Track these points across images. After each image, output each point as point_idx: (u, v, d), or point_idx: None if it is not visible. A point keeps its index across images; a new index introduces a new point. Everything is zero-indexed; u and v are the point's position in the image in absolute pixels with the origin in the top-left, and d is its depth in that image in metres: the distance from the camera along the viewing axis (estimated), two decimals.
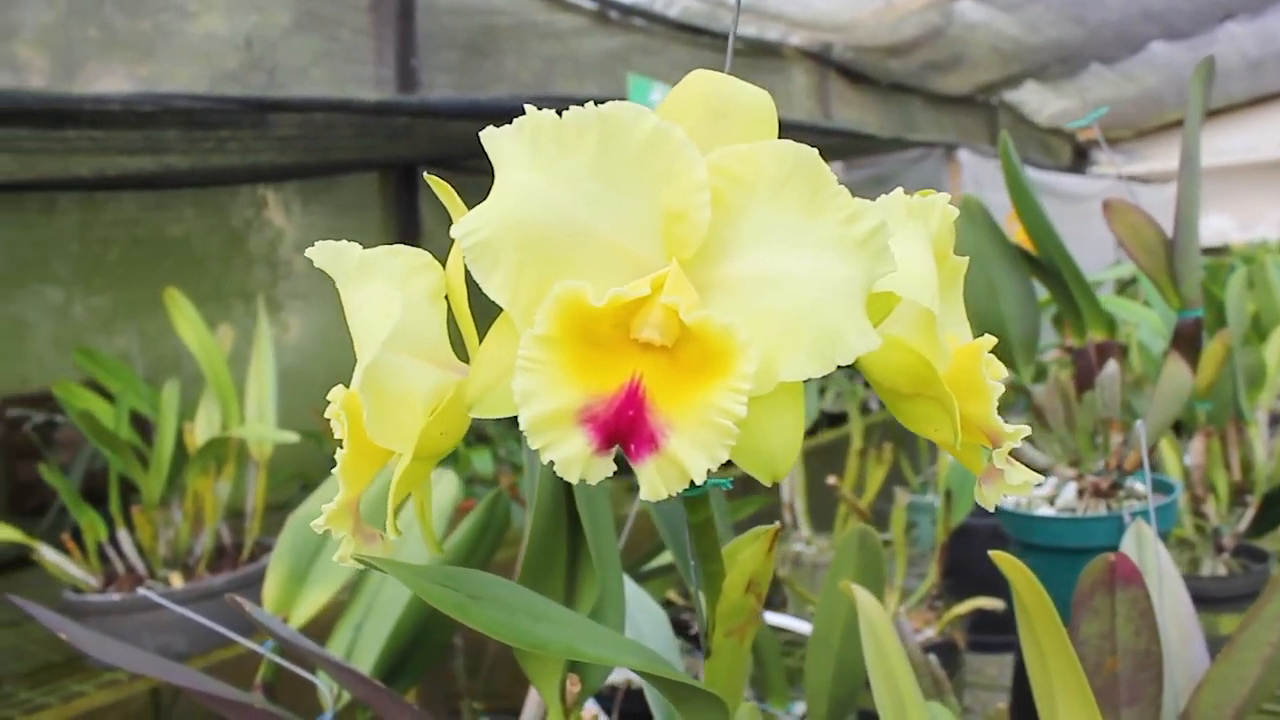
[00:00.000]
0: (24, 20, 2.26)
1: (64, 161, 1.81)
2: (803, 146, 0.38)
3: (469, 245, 0.38)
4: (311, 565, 1.02)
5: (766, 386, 0.37)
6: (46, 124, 1.56)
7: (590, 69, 3.41)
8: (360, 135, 2.43)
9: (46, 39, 2.34)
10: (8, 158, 1.79)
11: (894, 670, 0.68)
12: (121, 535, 1.71)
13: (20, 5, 2.25)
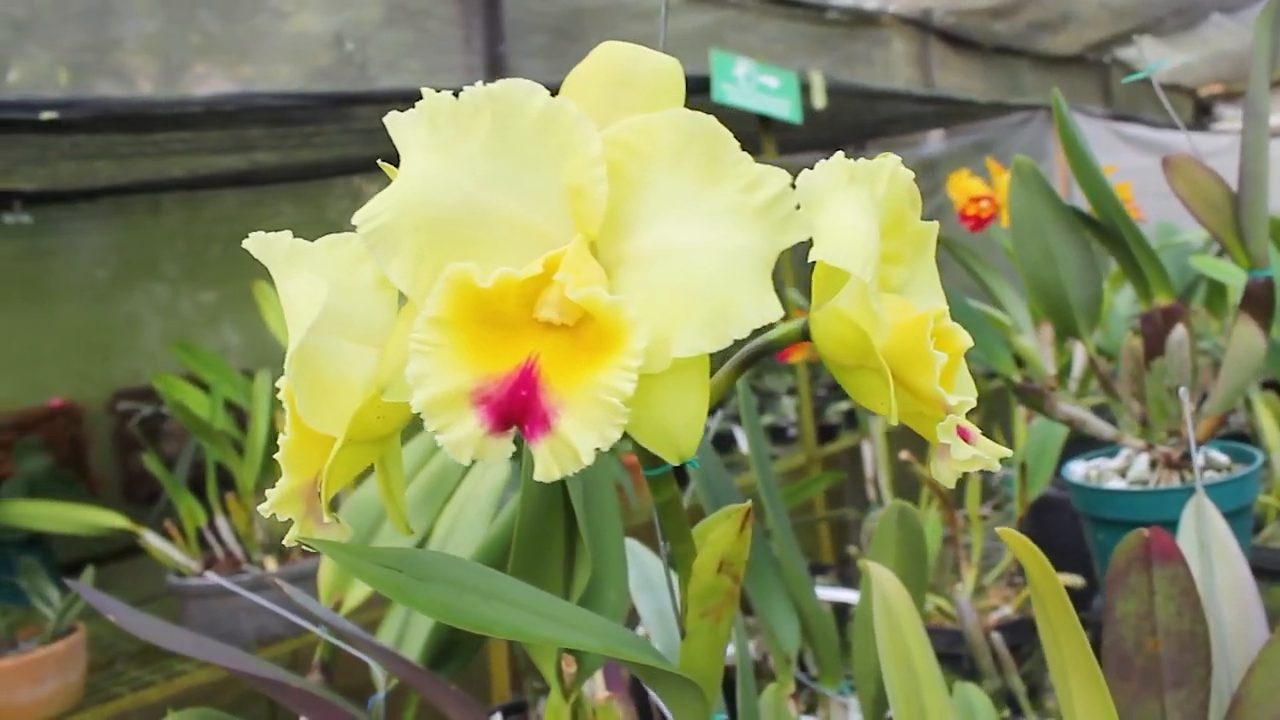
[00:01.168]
0: (126, 31, 2.36)
1: (159, 163, 1.88)
2: (700, 114, 0.37)
3: (367, 231, 0.38)
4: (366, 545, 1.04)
5: (661, 364, 0.36)
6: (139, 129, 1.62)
7: (682, 47, 3.38)
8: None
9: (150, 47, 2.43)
10: (108, 163, 1.87)
11: (910, 651, 0.67)
12: (220, 521, 1.78)
13: (123, 17, 2.34)
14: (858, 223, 0.41)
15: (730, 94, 2.41)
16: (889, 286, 0.47)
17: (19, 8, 2.22)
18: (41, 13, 2.22)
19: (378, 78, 2.85)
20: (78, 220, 2.10)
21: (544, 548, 0.62)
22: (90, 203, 2.10)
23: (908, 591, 0.90)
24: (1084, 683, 0.58)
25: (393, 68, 2.88)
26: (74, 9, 2.27)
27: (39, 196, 2.00)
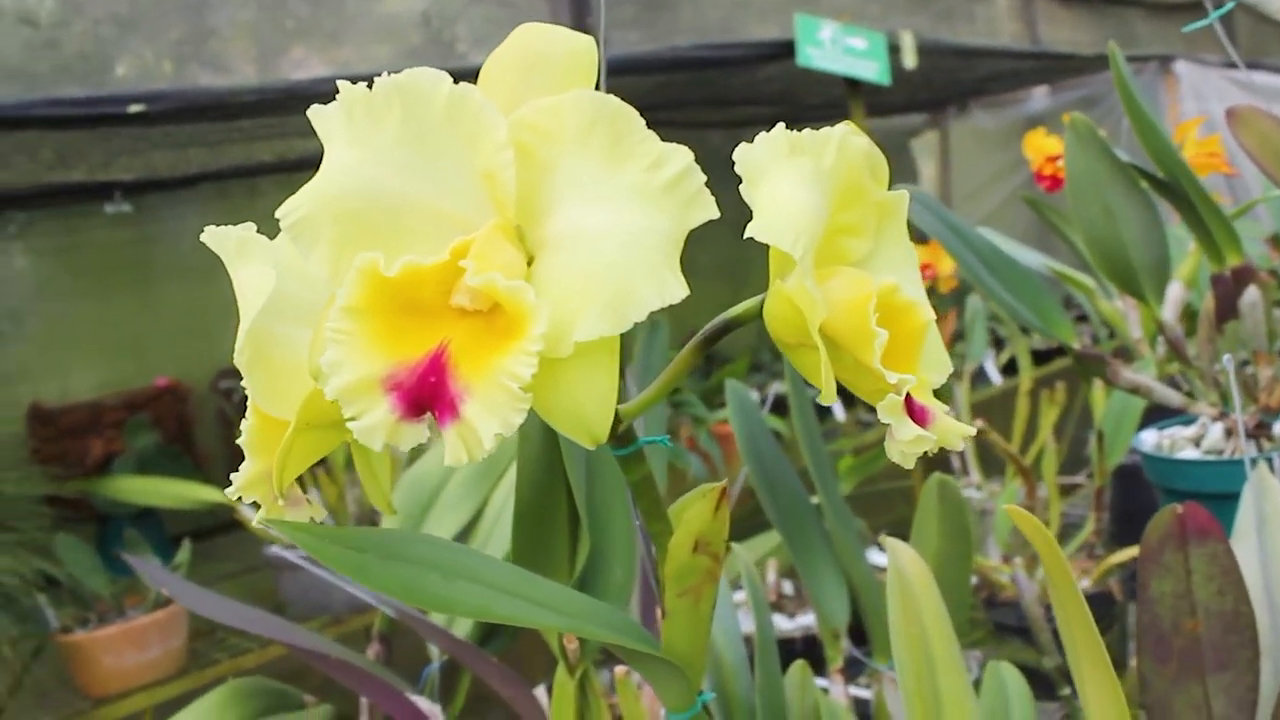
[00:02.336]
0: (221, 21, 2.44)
1: (248, 149, 1.94)
2: (603, 95, 0.36)
3: (289, 224, 0.38)
4: (421, 523, 1.06)
5: (563, 348, 0.36)
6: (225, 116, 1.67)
7: (773, 11, 3.34)
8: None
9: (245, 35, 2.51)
10: (200, 150, 1.93)
11: (926, 631, 0.65)
12: (312, 494, 1.84)
13: (217, 8, 2.42)
14: (795, 197, 0.40)
15: (815, 58, 2.36)
16: (847, 259, 0.46)
17: (122, 5, 2.31)
18: (143, 8, 2.30)
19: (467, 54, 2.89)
20: (177, 206, 2.19)
21: (545, 525, 0.63)
22: (189, 189, 2.18)
23: (953, 567, 0.89)
24: (1094, 666, 0.56)
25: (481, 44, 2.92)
26: (172, 3, 2.35)
27: (137, 185, 2.09)
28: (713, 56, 2.41)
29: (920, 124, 3.71)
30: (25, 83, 2.14)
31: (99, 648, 1.49)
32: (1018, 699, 0.72)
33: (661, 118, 3.15)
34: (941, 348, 0.48)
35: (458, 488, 1.05)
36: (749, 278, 3.52)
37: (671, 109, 3.08)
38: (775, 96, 2.99)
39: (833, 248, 0.45)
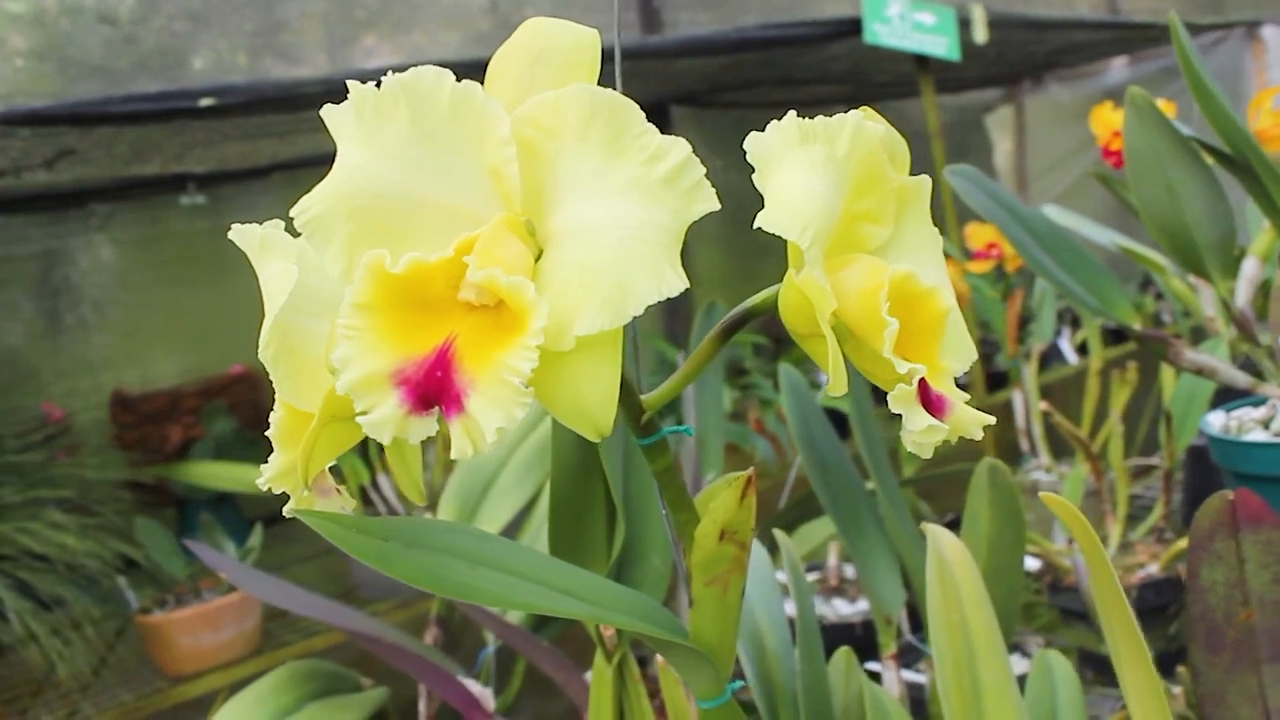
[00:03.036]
0: (291, 13, 2.48)
1: (315, 139, 1.97)
2: (601, 89, 0.36)
3: (302, 223, 0.39)
4: (478, 507, 1.08)
5: (564, 342, 0.36)
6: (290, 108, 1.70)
7: None
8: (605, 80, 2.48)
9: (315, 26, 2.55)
10: (270, 141, 1.97)
11: (967, 618, 0.64)
12: (382, 479, 1.87)
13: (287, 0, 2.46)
14: (806, 186, 0.40)
15: (883, 35, 2.33)
16: (866, 246, 0.45)
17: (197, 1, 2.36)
18: (216, 4, 2.35)
19: None
20: (250, 197, 2.23)
21: (582, 513, 0.63)
22: (260, 179, 2.22)
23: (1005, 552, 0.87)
24: (1131, 654, 0.55)
25: None
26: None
27: (211, 177, 2.14)
28: (779, 36, 2.38)
29: (995, 99, 3.64)
30: (106, 79, 2.20)
31: (176, 628, 1.54)
32: (1065, 687, 0.71)
33: (730, 98, 3.13)
34: (965, 334, 0.47)
35: (514, 473, 1.07)
36: None
37: (740, 89, 3.06)
38: (844, 75, 2.95)
39: (851, 235, 0.45)
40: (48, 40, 2.20)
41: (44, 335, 2.04)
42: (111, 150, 1.79)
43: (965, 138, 3.63)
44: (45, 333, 2.05)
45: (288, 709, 0.82)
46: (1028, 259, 0.96)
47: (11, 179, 1.73)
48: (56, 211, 2.13)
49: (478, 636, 1.07)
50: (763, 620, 0.77)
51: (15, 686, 1.53)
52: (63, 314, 2.09)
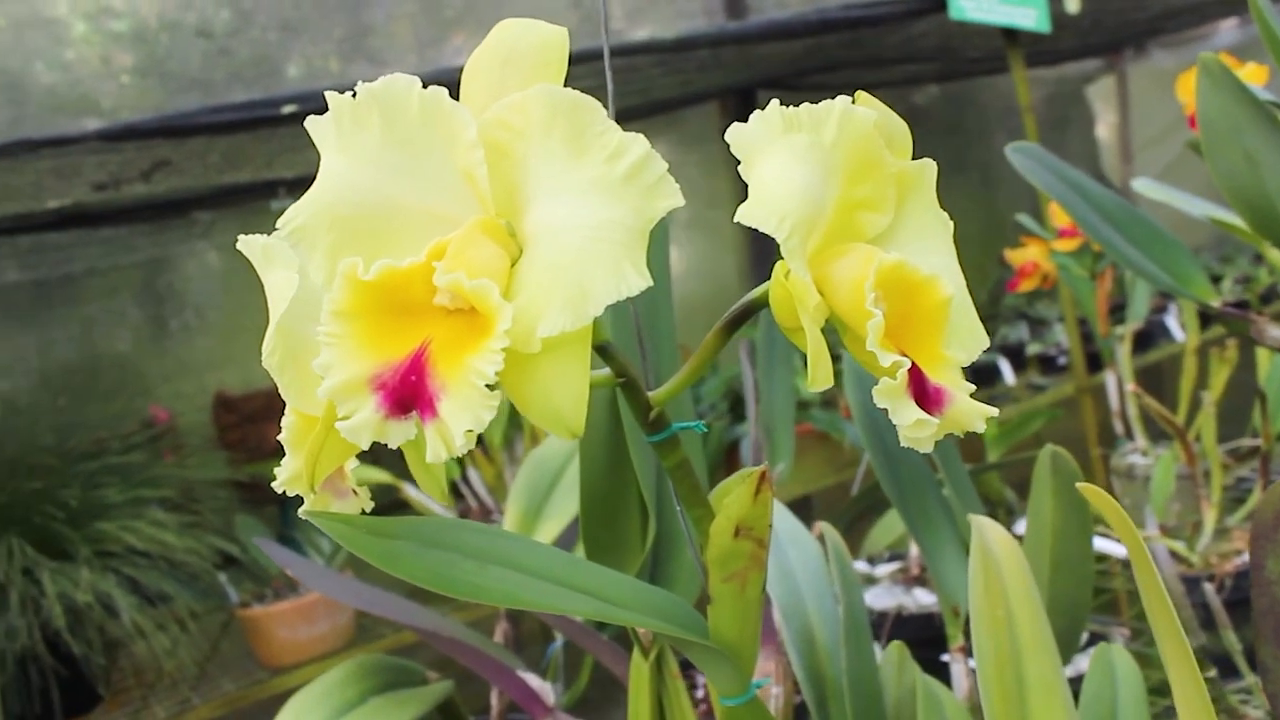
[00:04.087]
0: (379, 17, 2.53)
1: None
2: (561, 88, 0.36)
3: (287, 233, 0.40)
4: (545, 502, 1.08)
5: (530, 344, 0.36)
6: None
7: None
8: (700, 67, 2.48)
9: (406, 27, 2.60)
10: None
11: (1013, 614, 0.62)
12: (472, 474, 1.90)
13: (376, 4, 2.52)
14: (786, 177, 0.39)
15: (969, 9, 2.27)
16: (864, 234, 0.44)
17: (288, 10, 2.43)
18: (307, 12, 2.42)
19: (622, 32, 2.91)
20: None
21: (614, 509, 0.63)
22: None
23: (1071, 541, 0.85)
24: (1173, 648, 0.52)
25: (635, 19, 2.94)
26: (334, 4, 2.46)
27: (298, 182, 2.20)
28: (861, 16, 2.35)
29: (1095, 69, 3.51)
30: (203, 90, 2.28)
31: (274, 622, 1.59)
32: (1127, 684, 0.68)
33: (817, 80, 3.09)
34: (974, 322, 0.46)
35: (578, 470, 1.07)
36: None
37: (826, 72, 3.02)
38: (932, 52, 2.89)
39: (849, 223, 0.44)
40: (149, 56, 2.29)
41: (150, 340, 2.13)
42: (205, 160, 1.86)
43: (1065, 111, 3.52)
44: (151, 338, 2.13)
45: (352, 702, 0.84)
46: (1094, 236, 0.92)
47: (112, 192, 1.81)
48: (160, 221, 2.21)
49: (549, 632, 1.08)
50: (813, 614, 0.76)
51: (125, 679, 1.59)
52: (168, 319, 2.17)
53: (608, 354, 0.46)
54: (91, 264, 2.08)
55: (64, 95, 2.17)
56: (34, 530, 1.38)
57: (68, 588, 1.33)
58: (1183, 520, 1.29)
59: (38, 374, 1.94)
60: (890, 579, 1.34)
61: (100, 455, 1.56)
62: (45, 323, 2.00)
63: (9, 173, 1.67)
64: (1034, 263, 1.67)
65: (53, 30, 2.19)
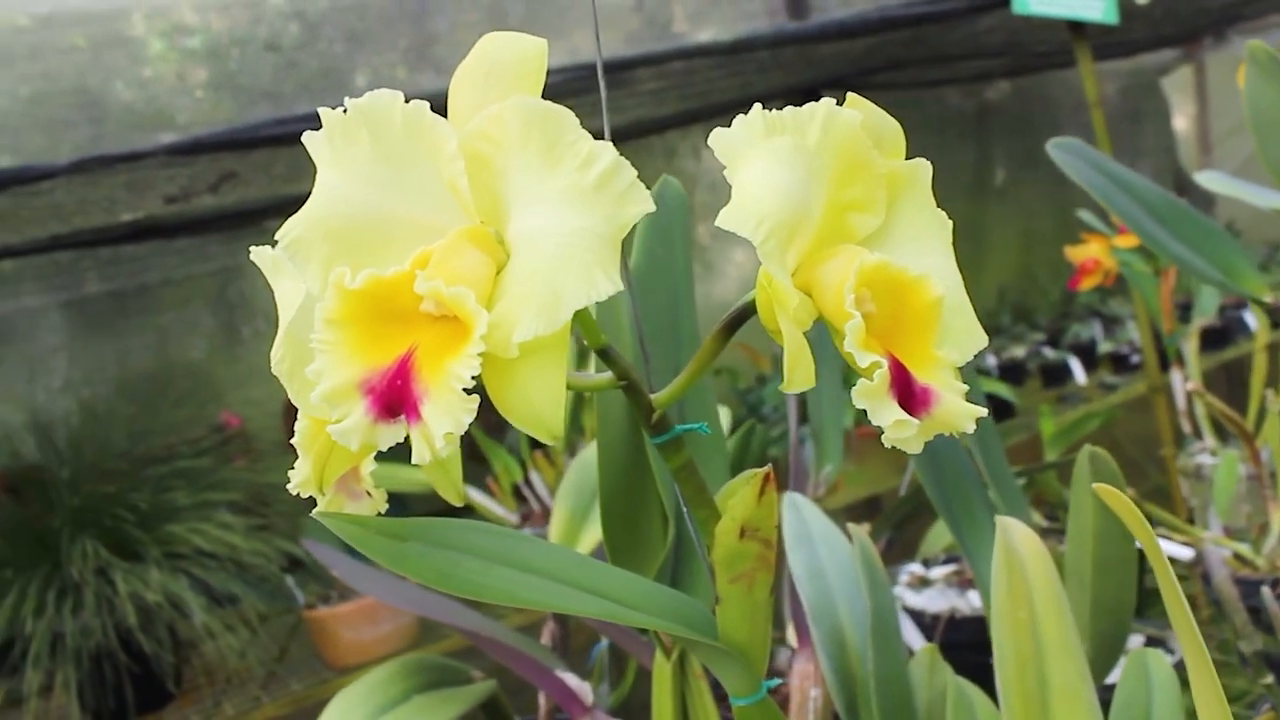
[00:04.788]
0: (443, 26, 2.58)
1: None
2: (535, 100, 0.37)
3: (284, 246, 0.41)
4: (592, 504, 1.09)
5: (507, 349, 0.37)
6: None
7: None
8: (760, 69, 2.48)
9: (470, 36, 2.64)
10: None
11: (1037, 613, 0.62)
12: (534, 477, 1.92)
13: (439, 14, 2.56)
14: (765, 180, 0.40)
15: (1032, 3, 2.23)
16: (854, 236, 0.44)
17: (354, 22, 2.48)
18: (372, 24, 2.47)
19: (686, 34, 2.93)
20: None
21: (634, 511, 0.64)
22: None
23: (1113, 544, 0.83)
24: (1191, 653, 0.51)
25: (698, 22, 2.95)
26: (395, 14, 2.51)
27: None
28: (923, 13, 2.32)
29: (1171, 60, 3.43)
30: (273, 102, 2.34)
31: (339, 623, 1.63)
32: (1163, 690, 0.67)
33: (883, 79, 3.06)
34: (970, 322, 0.45)
35: None
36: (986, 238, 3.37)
37: (892, 70, 2.99)
38: (999, 48, 2.85)
39: (838, 225, 0.44)
40: (221, 71, 2.35)
41: (222, 347, 2.19)
42: (270, 171, 1.90)
43: (1140, 104, 3.44)
44: (224, 345, 2.19)
45: (395, 700, 0.86)
46: (1139, 232, 0.91)
47: (182, 204, 1.86)
48: (232, 231, 2.27)
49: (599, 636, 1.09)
50: (844, 616, 0.76)
51: (196, 677, 1.64)
52: (239, 327, 2.23)
53: (609, 358, 0.47)
54: (166, 274, 2.15)
55: (141, 112, 2.24)
56: (107, 532, 1.43)
57: (139, 588, 1.37)
58: (1251, 522, 1.25)
59: (115, 381, 2.01)
60: (944, 581, 1.32)
61: (170, 460, 1.61)
62: (122, 332, 2.07)
63: (86, 187, 1.73)
64: (1095, 259, 1.64)
65: (131, 49, 2.26)
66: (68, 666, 1.38)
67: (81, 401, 1.95)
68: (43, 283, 2.12)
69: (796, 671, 0.91)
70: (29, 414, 1.84)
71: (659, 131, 2.81)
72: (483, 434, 1.89)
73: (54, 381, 2.07)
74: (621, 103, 2.27)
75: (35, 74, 2.12)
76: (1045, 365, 2.60)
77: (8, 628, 1.38)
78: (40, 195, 1.69)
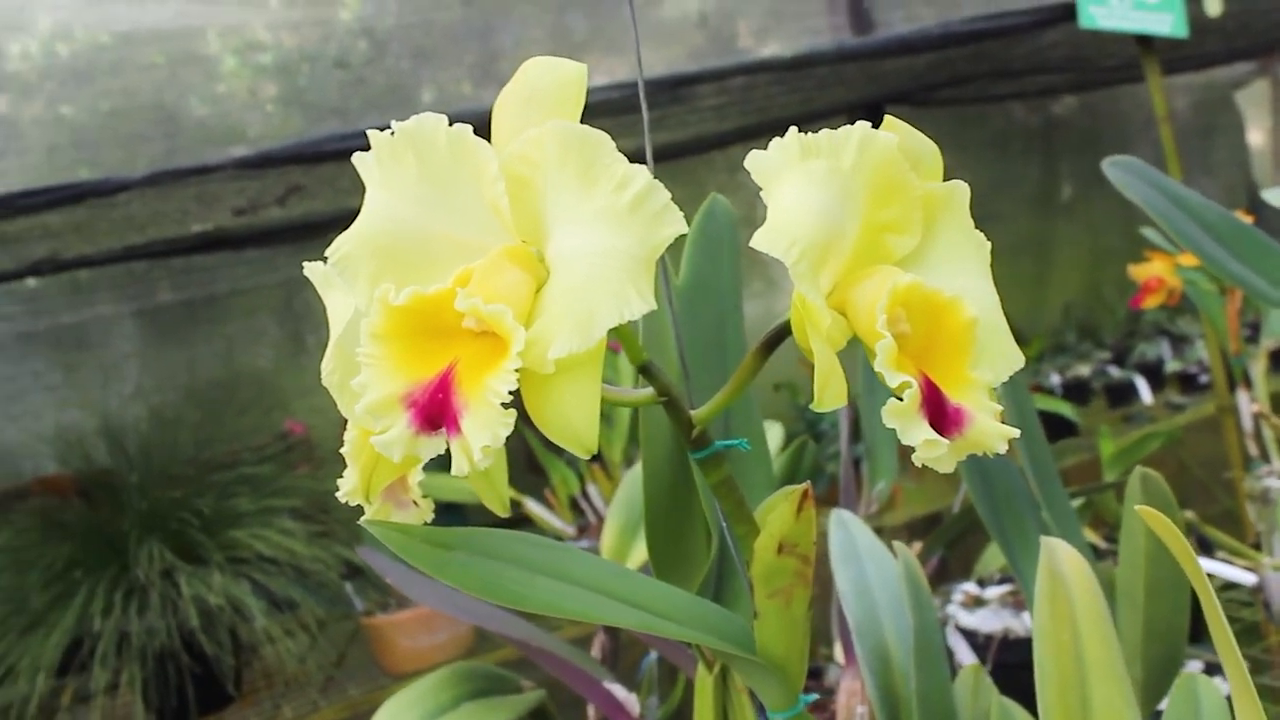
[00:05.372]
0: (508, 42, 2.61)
1: None
2: (574, 124, 0.38)
3: (333, 263, 0.43)
4: (640, 520, 1.10)
5: (544, 365, 0.38)
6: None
7: None
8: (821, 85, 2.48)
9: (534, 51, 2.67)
10: None
11: (1080, 634, 0.61)
12: (591, 489, 1.94)
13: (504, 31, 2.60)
14: (798, 202, 0.40)
15: (1100, 17, 2.20)
16: (890, 257, 0.45)
17: (422, 39, 2.53)
18: (438, 40, 2.51)
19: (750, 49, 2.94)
20: None
21: (678, 526, 0.65)
22: None
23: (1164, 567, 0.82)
24: (1232, 671, 0.51)
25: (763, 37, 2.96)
26: (461, 31, 2.55)
27: None
28: (985, 29, 2.31)
29: (1246, 74, 3.36)
30: (340, 117, 2.40)
31: (396, 630, 1.65)
32: (1212, 716, 0.66)
33: (947, 95, 3.04)
34: (1007, 343, 0.46)
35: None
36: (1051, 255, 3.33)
37: (955, 86, 2.97)
38: (1064, 62, 2.81)
39: (874, 246, 0.45)
40: (291, 87, 2.41)
41: (289, 356, 2.24)
42: (335, 185, 1.94)
43: (1212, 118, 3.38)
44: (290, 354, 2.24)
45: (445, 706, 0.87)
46: (1197, 252, 0.90)
47: (250, 216, 1.91)
48: (299, 242, 2.32)
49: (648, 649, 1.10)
50: (889, 633, 0.76)
51: (256, 680, 1.68)
52: (305, 336, 2.27)
53: (650, 374, 0.48)
54: (235, 284, 2.20)
55: (213, 127, 2.31)
56: (172, 536, 1.47)
57: (202, 590, 1.41)
58: None
59: (184, 389, 2.06)
60: (999, 602, 1.31)
61: (234, 466, 1.65)
62: (192, 340, 2.13)
63: (159, 199, 1.78)
64: (1159, 277, 1.62)
65: (205, 66, 2.32)
66: (133, 665, 1.42)
67: (151, 408, 2.00)
68: (116, 292, 2.19)
69: (843, 688, 0.91)
70: (101, 419, 1.89)
71: (721, 147, 2.82)
72: (541, 446, 1.91)
73: (126, 388, 2.13)
74: (684, 118, 2.28)
75: (115, 90, 2.18)
76: (1110, 384, 2.56)
77: (77, 626, 1.42)
78: (116, 207, 1.74)
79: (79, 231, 1.86)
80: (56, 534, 1.53)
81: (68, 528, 1.54)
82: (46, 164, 2.11)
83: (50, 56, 2.16)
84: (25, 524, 1.59)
